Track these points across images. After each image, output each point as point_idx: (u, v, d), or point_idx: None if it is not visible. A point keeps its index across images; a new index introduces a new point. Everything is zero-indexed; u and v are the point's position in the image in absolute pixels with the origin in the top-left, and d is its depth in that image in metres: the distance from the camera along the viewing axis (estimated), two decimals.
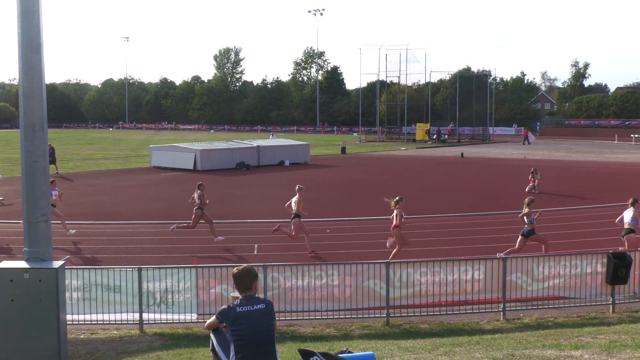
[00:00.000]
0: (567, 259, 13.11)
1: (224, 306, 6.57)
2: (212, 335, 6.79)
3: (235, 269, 6.59)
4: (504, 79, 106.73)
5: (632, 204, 16.17)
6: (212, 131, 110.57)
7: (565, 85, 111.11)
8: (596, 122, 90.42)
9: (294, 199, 17.35)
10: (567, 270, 13.00)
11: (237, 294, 6.61)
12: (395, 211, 16.29)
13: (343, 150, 58.49)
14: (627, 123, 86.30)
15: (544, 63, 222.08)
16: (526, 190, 30.29)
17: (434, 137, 76.89)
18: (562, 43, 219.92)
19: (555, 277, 12.96)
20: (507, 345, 6.56)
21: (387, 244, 16.57)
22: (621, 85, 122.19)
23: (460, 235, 20.00)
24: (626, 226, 15.94)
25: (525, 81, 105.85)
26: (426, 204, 26.76)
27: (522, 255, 13.85)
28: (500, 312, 12.60)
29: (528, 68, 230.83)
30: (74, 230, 19.96)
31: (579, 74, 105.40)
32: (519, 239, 16.39)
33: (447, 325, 12.11)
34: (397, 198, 16.63)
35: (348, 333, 11.65)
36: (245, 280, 6.49)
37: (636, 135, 73.39)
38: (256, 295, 6.51)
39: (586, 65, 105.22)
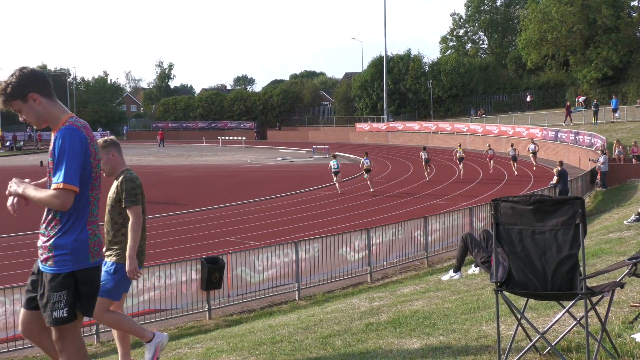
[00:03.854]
0: (162, 269, 13.54)
1: None
2: None
3: None
4: (86, 79, 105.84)
5: None
6: None
7: (151, 86, 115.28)
8: (184, 125, 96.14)
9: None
10: (163, 281, 13.43)
11: None
12: None
13: None
14: (213, 125, 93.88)
15: (127, 62, 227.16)
16: None
17: (8, 144, 72.03)
18: (145, 42, 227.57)
19: (151, 290, 13.28)
20: None
21: None
22: (206, 87, 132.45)
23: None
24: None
25: (109, 81, 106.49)
26: None
27: None
28: (94, 335, 12.42)
29: (111, 67, 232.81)
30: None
31: (164, 75, 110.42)
32: None
33: None
34: None
35: None
36: None
37: (223, 137, 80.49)
38: None
39: (171, 66, 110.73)
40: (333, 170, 32.75)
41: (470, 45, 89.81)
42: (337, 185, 32.98)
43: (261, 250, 15.04)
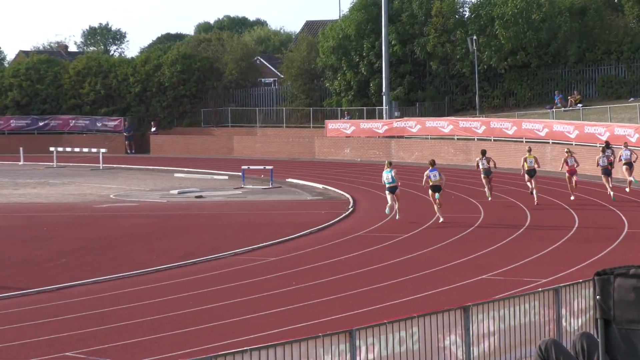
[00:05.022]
0: None
1: None
2: None
3: None
4: None
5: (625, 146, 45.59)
6: None
7: None
8: None
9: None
10: None
11: None
12: None
13: None
14: (41, 124, 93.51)
15: None
16: None
17: None
18: None
19: None
20: None
21: None
22: (27, 49, 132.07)
23: None
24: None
25: None
26: None
27: None
28: None
29: None
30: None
31: None
32: None
33: None
34: None
35: None
36: None
37: (61, 149, 79.37)
38: None
39: None
40: (387, 186, 39.29)
41: None
42: (394, 206, 39.71)
43: None
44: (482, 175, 43.41)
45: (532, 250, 32.48)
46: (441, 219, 38.79)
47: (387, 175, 38.92)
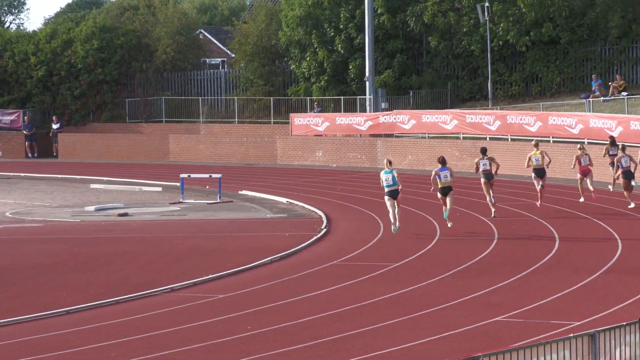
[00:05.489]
0: None
1: None
2: None
3: None
4: None
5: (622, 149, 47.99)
6: None
7: None
8: None
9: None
10: None
11: None
12: None
13: None
14: None
15: None
16: None
17: None
18: None
19: None
20: None
21: None
22: None
23: None
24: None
25: None
26: None
27: None
28: None
29: None
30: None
31: None
32: None
33: None
34: None
35: None
36: None
37: None
38: None
39: None
40: (387, 189, 41.40)
41: None
42: (394, 217, 41.85)
43: None
44: (483, 180, 45.35)
45: (561, 283, 32.36)
46: (449, 224, 42.16)
47: (386, 177, 40.30)
